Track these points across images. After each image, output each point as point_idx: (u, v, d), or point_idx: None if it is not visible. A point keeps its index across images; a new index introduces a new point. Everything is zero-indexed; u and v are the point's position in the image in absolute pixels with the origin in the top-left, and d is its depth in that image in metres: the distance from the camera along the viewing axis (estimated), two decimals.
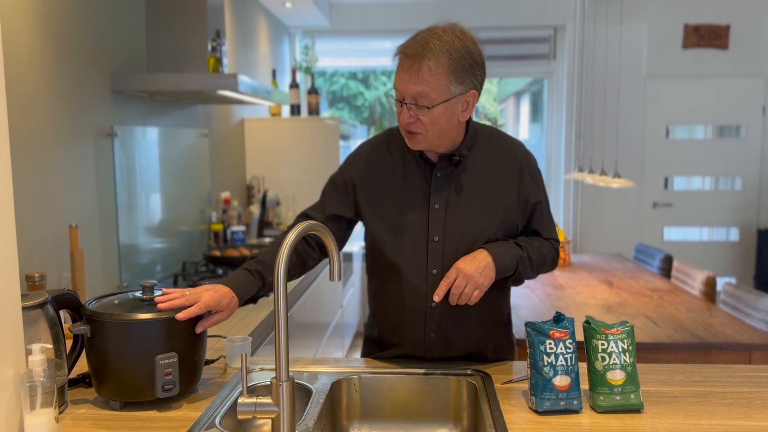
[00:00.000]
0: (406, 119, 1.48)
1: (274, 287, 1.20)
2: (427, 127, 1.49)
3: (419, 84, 1.45)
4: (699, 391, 1.47)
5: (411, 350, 1.66)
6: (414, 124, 1.49)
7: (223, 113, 3.82)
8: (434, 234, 1.57)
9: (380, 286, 1.67)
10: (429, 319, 1.60)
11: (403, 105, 1.48)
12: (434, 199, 1.58)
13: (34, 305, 1.32)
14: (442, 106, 1.47)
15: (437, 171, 1.58)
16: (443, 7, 5.07)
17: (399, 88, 1.49)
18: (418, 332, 1.62)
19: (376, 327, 1.73)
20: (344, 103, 5.94)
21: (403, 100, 1.48)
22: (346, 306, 4.43)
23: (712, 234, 5.34)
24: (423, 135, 1.50)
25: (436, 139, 1.52)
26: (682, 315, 2.80)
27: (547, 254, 1.64)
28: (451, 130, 1.53)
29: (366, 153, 1.67)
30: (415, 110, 1.47)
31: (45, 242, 2.07)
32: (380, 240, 1.61)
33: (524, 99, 5.99)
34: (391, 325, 1.67)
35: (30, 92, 2.01)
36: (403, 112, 1.49)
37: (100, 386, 1.38)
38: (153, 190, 2.84)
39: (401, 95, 1.49)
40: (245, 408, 1.19)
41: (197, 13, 2.76)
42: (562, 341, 1.36)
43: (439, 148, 1.56)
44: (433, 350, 1.64)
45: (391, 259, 1.60)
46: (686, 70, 5.12)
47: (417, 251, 1.58)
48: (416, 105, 1.47)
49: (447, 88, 1.46)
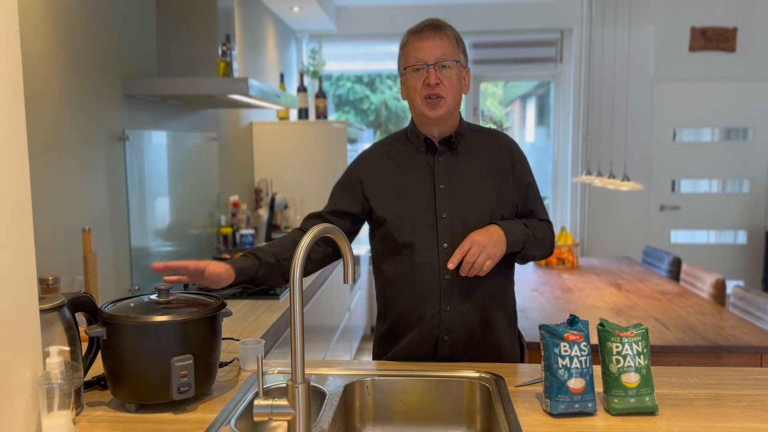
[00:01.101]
0: (434, 79, 1.64)
1: (290, 290, 1.21)
2: (448, 90, 1.66)
3: (443, 47, 1.66)
4: (713, 393, 1.47)
5: (427, 329, 1.71)
6: (439, 86, 1.65)
7: (231, 117, 3.83)
8: (442, 211, 1.70)
9: (392, 272, 1.74)
10: (444, 292, 1.69)
11: (429, 68, 1.65)
12: (439, 181, 1.72)
13: (51, 308, 1.33)
14: (458, 69, 1.68)
15: (439, 156, 1.74)
16: (449, 10, 5.08)
17: (421, 57, 1.66)
18: (433, 307, 1.70)
19: (388, 319, 1.80)
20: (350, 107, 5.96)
21: (428, 64, 1.65)
22: (353, 309, 4.44)
23: (720, 237, 5.33)
24: (444, 99, 1.67)
25: (453, 105, 1.70)
26: (692, 318, 2.79)
27: (546, 235, 1.79)
28: (459, 100, 1.72)
29: (368, 154, 1.84)
30: (440, 72, 1.65)
31: (58, 245, 2.08)
32: (392, 225, 1.72)
33: (530, 102, 5.99)
34: (405, 308, 1.73)
35: (43, 96, 2.02)
36: (430, 74, 1.64)
37: (115, 388, 1.39)
38: (163, 194, 2.85)
39: (424, 61, 1.66)
40: (261, 410, 1.20)
41: (208, 18, 2.78)
42: (577, 344, 1.36)
43: (449, 121, 1.73)
44: (449, 325, 1.69)
45: (403, 240, 1.71)
46: (693, 73, 5.11)
47: (427, 228, 1.70)
48: (441, 66, 1.65)
49: (459, 56, 1.70)
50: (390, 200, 1.74)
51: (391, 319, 1.79)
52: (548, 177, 5.44)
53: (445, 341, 1.71)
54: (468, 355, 1.73)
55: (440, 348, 1.72)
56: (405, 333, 1.75)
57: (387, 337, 1.80)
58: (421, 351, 1.73)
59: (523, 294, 3.26)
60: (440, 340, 1.71)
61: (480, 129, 1.83)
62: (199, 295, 1.54)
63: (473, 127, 1.82)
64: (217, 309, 1.45)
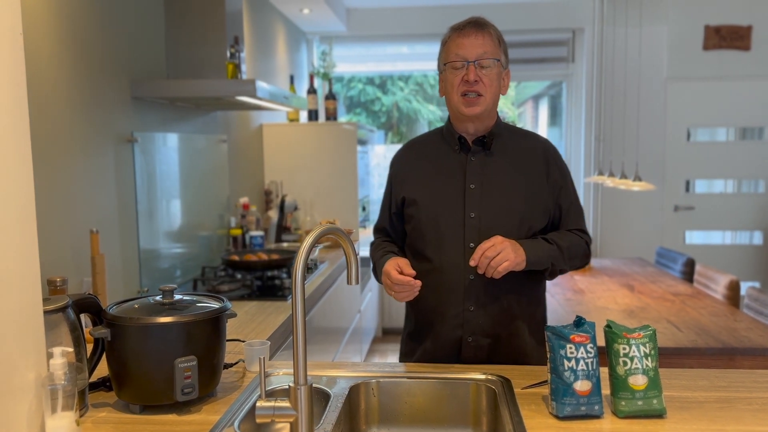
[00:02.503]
0: (473, 76, 1.65)
1: (292, 292, 1.20)
2: (487, 88, 1.66)
3: (485, 45, 1.66)
4: (723, 396, 1.45)
5: (451, 330, 1.70)
6: (478, 83, 1.65)
7: (241, 119, 3.84)
8: (470, 210, 1.70)
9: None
10: (468, 291, 1.68)
11: (469, 65, 1.65)
12: (469, 180, 1.71)
13: (55, 309, 1.34)
14: (497, 69, 1.68)
15: (471, 156, 1.73)
16: (461, 11, 5.07)
17: (461, 53, 1.66)
18: (457, 306, 1.69)
19: (414, 318, 1.81)
20: (361, 108, 5.96)
21: (468, 61, 1.65)
22: (364, 311, 4.43)
23: (735, 237, 5.26)
24: (483, 97, 1.67)
25: (491, 104, 1.69)
26: (705, 319, 2.76)
27: (578, 246, 1.75)
28: (497, 99, 1.72)
29: (403, 151, 1.87)
30: (480, 70, 1.65)
31: (66, 247, 2.09)
32: (420, 221, 1.73)
33: (542, 102, 5.95)
34: (429, 306, 1.73)
35: (52, 99, 2.04)
36: (469, 71, 1.65)
37: (120, 390, 1.39)
38: (173, 196, 2.86)
39: (464, 58, 1.66)
40: (263, 412, 1.19)
41: (216, 20, 2.79)
42: (583, 345, 1.34)
43: (485, 120, 1.72)
44: (473, 325, 1.69)
45: (430, 237, 1.72)
46: (707, 72, 5.05)
47: (455, 226, 1.70)
48: (481, 65, 1.65)
49: (500, 55, 1.70)
50: (420, 197, 1.75)
51: (415, 317, 1.81)
52: None
53: (468, 342, 1.70)
54: (493, 359, 1.71)
55: (464, 349, 1.71)
56: (429, 332, 1.75)
57: (413, 335, 1.82)
58: (444, 352, 1.73)
59: None
60: (464, 341, 1.70)
61: (518, 131, 1.81)
62: (203, 296, 1.54)
63: (511, 128, 1.81)
64: (220, 310, 1.44)
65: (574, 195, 1.80)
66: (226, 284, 2.68)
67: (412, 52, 5.59)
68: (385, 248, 1.83)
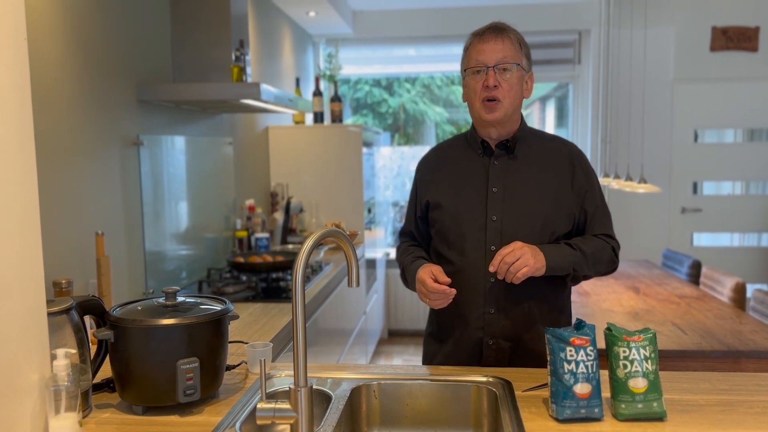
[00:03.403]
0: (492, 81, 1.65)
1: (293, 294, 1.21)
2: (506, 93, 1.67)
3: (504, 50, 1.67)
4: (725, 399, 1.44)
5: (472, 332, 1.71)
6: (497, 89, 1.66)
7: (247, 122, 3.86)
8: (492, 213, 1.71)
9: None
10: (488, 294, 1.69)
11: (489, 70, 1.66)
12: (492, 184, 1.72)
13: (59, 311, 1.35)
14: (518, 73, 1.68)
15: (494, 160, 1.74)
16: (467, 13, 5.06)
17: (481, 59, 1.67)
18: (477, 309, 1.70)
19: (435, 320, 1.83)
20: (368, 110, 5.97)
21: (488, 66, 1.66)
22: (369, 312, 4.44)
23: (743, 240, 5.23)
24: (501, 102, 1.67)
25: (511, 109, 1.69)
26: (710, 322, 2.75)
27: (602, 252, 1.72)
28: (519, 104, 1.72)
29: (428, 155, 1.89)
30: (499, 75, 1.66)
31: (72, 249, 2.11)
32: (443, 224, 1.75)
33: (549, 104, 5.95)
34: (450, 308, 1.71)
35: (58, 102, 2.05)
36: (489, 76, 1.66)
37: (123, 391, 1.41)
38: (178, 198, 2.88)
39: (484, 64, 1.67)
40: (264, 413, 1.20)
41: (221, 24, 2.80)
42: (583, 348, 1.34)
43: (507, 125, 1.72)
44: (493, 328, 1.70)
45: (452, 239, 1.74)
46: (715, 73, 5.03)
47: (477, 229, 1.71)
48: (501, 70, 1.66)
49: (521, 59, 1.69)
50: (443, 200, 1.76)
51: (437, 319, 1.82)
52: None
53: (489, 345, 1.71)
54: (514, 362, 1.71)
55: (485, 352, 1.71)
56: (450, 334, 1.76)
57: (435, 336, 1.83)
58: (466, 354, 1.73)
59: None
60: (485, 344, 1.71)
61: (543, 135, 1.82)
62: (206, 298, 1.55)
63: (536, 132, 1.81)
64: (222, 312, 1.45)
65: (600, 199, 1.78)
66: (231, 286, 2.70)
67: (418, 54, 5.59)
68: (414, 253, 1.84)
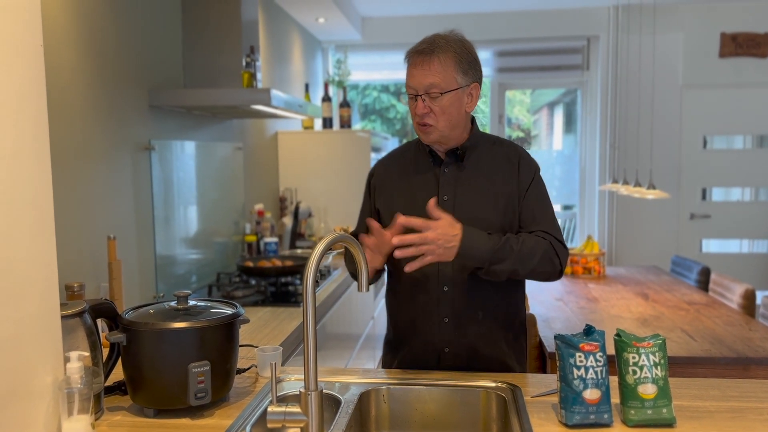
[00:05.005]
0: (421, 110, 1.63)
1: (303, 298, 1.22)
2: (439, 117, 1.64)
3: (431, 75, 1.61)
4: (735, 406, 1.44)
5: (427, 340, 1.72)
6: (428, 115, 1.64)
7: (257, 127, 3.88)
8: None
9: (396, 279, 1.76)
10: (442, 303, 1.70)
11: (418, 98, 1.64)
12: (442, 192, 1.71)
13: (73, 314, 1.37)
14: (451, 95, 1.63)
15: (444, 167, 1.73)
16: (474, 20, 5.08)
17: (412, 85, 1.65)
18: (432, 318, 1.71)
19: (392, 327, 1.83)
20: (376, 116, 5.99)
21: (417, 93, 1.63)
22: (377, 317, 4.44)
23: (753, 246, 5.21)
24: (434, 126, 1.65)
25: (447, 130, 1.67)
26: (719, 329, 2.74)
27: (535, 248, 1.61)
28: (460, 120, 1.68)
29: (382, 161, 1.88)
30: (429, 101, 1.63)
31: (84, 253, 2.13)
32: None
33: (558, 110, 5.94)
34: (406, 318, 1.75)
35: (72, 107, 2.08)
36: (418, 104, 1.64)
37: (134, 393, 1.42)
38: (189, 203, 2.90)
39: (414, 90, 1.64)
40: (275, 417, 1.21)
41: (232, 30, 2.83)
42: (593, 354, 1.35)
43: (449, 141, 1.70)
44: (447, 337, 1.70)
45: None
46: (724, 79, 5.02)
47: None
48: (429, 96, 1.62)
49: (454, 79, 1.63)
50: (395, 207, 1.73)
51: (394, 327, 1.83)
52: (575, 185, 5.39)
53: (446, 353, 1.72)
54: (472, 368, 1.72)
55: (443, 359, 1.73)
56: (407, 341, 1.77)
57: (392, 343, 1.83)
58: (423, 360, 1.74)
59: (547, 303, 3.23)
60: (441, 351, 1.72)
61: (493, 140, 1.80)
62: (217, 302, 1.56)
63: (487, 137, 1.79)
64: (234, 316, 1.47)
65: (544, 201, 1.73)
66: (241, 290, 2.71)
67: None
68: None
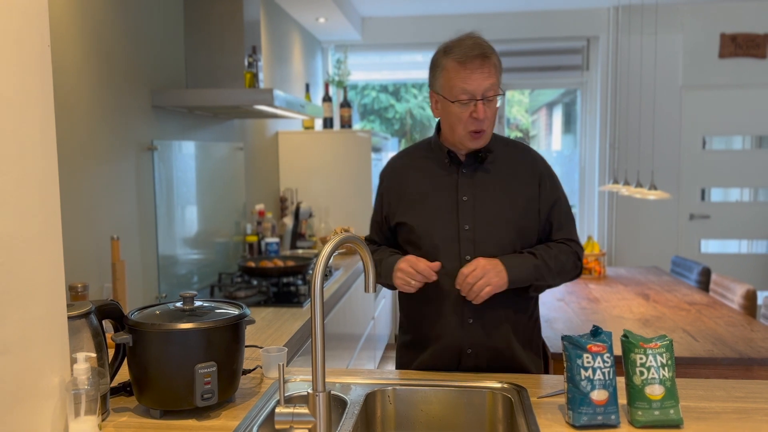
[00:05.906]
0: (483, 114, 1.61)
1: (311, 298, 1.22)
2: (491, 122, 1.65)
3: (490, 77, 1.62)
4: (741, 407, 1.44)
5: (450, 341, 1.70)
6: (486, 120, 1.63)
7: (258, 127, 3.88)
8: (464, 223, 1.69)
9: None
10: (467, 304, 1.67)
11: (478, 102, 1.61)
12: (462, 193, 1.71)
13: (79, 315, 1.36)
14: (499, 99, 1.65)
15: (463, 168, 1.72)
16: (475, 20, 5.08)
17: (470, 89, 1.61)
18: (456, 318, 1.69)
19: (411, 329, 1.80)
20: (375, 116, 5.98)
21: (475, 98, 1.61)
22: (377, 318, 4.44)
23: (752, 246, 5.22)
24: (487, 131, 1.66)
25: (491, 133, 1.70)
26: (721, 329, 2.74)
27: (566, 260, 1.72)
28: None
29: (393, 163, 1.86)
30: (486, 104, 1.62)
31: (88, 253, 2.13)
32: (415, 234, 1.72)
33: (557, 110, 5.95)
34: (429, 320, 1.73)
35: (74, 108, 2.07)
36: (478, 108, 1.61)
37: (140, 394, 1.41)
38: (190, 203, 2.90)
39: (472, 95, 1.61)
40: (283, 418, 1.21)
41: (234, 30, 2.82)
42: (600, 355, 1.35)
43: None
44: (471, 338, 1.69)
45: (426, 250, 1.70)
46: (723, 80, 5.03)
47: (450, 240, 1.69)
48: (486, 100, 1.62)
49: (500, 82, 1.66)
50: (413, 210, 1.73)
51: (413, 329, 1.79)
52: (575, 186, 5.39)
53: (468, 354, 1.71)
54: (492, 369, 1.72)
55: (463, 360, 1.72)
56: (428, 343, 1.75)
57: (410, 347, 1.80)
58: (444, 362, 1.73)
59: (548, 304, 3.23)
60: (463, 353, 1.71)
61: (505, 141, 1.80)
62: (222, 302, 1.56)
63: (498, 138, 1.79)
64: (240, 317, 1.46)
65: (566, 204, 1.78)
66: (243, 290, 2.71)
67: (426, 61, 5.58)
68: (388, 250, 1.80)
